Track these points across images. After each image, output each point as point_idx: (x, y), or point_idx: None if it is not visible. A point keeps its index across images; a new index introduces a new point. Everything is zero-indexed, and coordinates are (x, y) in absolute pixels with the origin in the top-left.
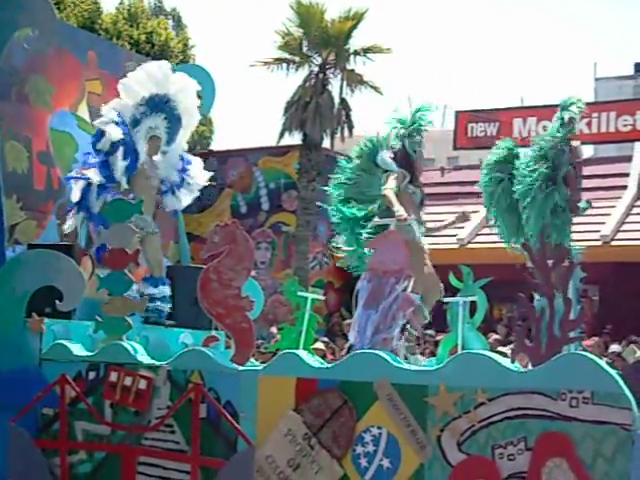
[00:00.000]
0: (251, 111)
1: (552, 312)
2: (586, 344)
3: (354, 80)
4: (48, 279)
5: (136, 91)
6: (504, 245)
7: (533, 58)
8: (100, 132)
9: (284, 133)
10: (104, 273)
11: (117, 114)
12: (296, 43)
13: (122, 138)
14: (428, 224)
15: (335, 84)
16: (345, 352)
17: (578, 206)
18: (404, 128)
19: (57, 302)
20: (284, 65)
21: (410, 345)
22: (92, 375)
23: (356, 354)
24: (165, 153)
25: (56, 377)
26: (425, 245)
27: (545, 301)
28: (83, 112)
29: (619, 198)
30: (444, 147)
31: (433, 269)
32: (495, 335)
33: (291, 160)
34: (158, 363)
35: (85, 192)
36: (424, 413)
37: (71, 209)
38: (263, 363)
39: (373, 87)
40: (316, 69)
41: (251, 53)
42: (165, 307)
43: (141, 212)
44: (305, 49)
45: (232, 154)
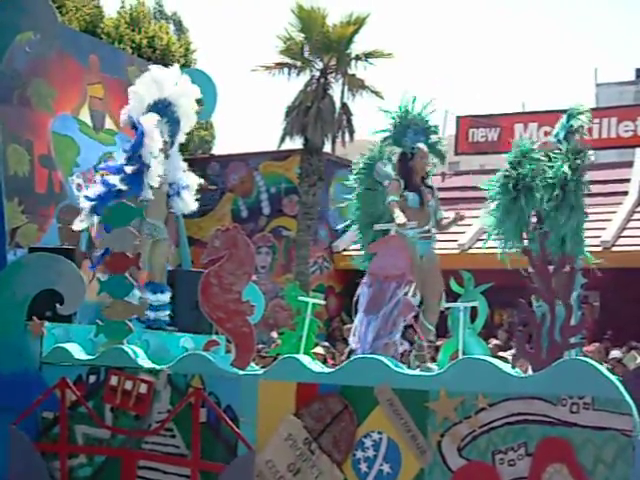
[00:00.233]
0: (252, 116)
1: (553, 318)
2: (587, 350)
3: (355, 85)
4: (49, 283)
5: (143, 97)
6: (499, 250)
7: (534, 64)
8: (140, 139)
9: (285, 138)
10: (105, 277)
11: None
12: (297, 48)
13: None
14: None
15: (336, 89)
16: (346, 357)
17: None
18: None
19: (58, 306)
20: (285, 70)
21: (420, 354)
22: (92, 379)
23: (357, 359)
24: (168, 157)
25: (56, 380)
26: (435, 256)
27: (545, 307)
28: (85, 116)
29: (620, 204)
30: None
31: (441, 279)
32: (496, 340)
33: (292, 165)
34: (159, 367)
35: (104, 197)
36: (425, 418)
37: (85, 209)
38: (263, 367)
39: (374, 92)
40: (317, 74)
41: (252, 58)
42: (162, 315)
43: (142, 216)
44: (306, 54)
45: (233, 158)
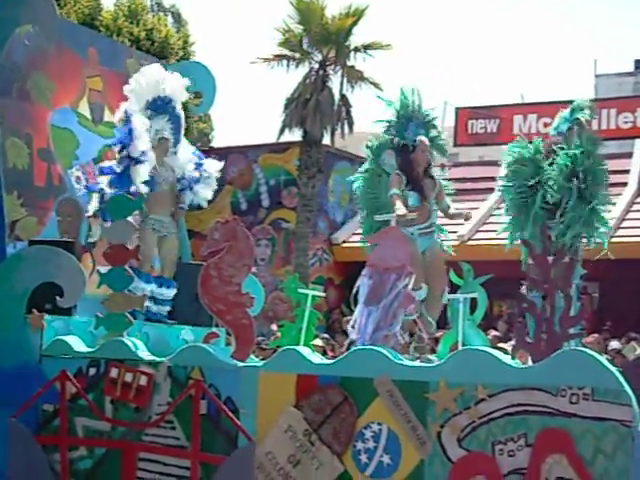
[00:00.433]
0: (251, 108)
1: (552, 309)
2: (586, 341)
3: (354, 77)
4: (49, 275)
5: (140, 95)
6: (504, 241)
7: (533, 55)
8: (128, 134)
9: (284, 130)
10: (105, 269)
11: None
12: (296, 40)
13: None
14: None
15: (335, 81)
16: (345, 349)
17: None
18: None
19: (57, 298)
20: (284, 62)
21: (420, 346)
22: (93, 371)
23: (356, 350)
24: (175, 153)
25: (56, 373)
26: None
27: (539, 297)
28: (84, 109)
29: (619, 195)
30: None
31: (444, 274)
32: (495, 332)
33: (291, 157)
34: (159, 359)
35: (101, 202)
36: (424, 409)
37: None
38: (263, 360)
39: (373, 83)
40: (316, 66)
41: (251, 50)
42: (163, 310)
43: (141, 208)
44: (305, 46)
45: (232, 151)
